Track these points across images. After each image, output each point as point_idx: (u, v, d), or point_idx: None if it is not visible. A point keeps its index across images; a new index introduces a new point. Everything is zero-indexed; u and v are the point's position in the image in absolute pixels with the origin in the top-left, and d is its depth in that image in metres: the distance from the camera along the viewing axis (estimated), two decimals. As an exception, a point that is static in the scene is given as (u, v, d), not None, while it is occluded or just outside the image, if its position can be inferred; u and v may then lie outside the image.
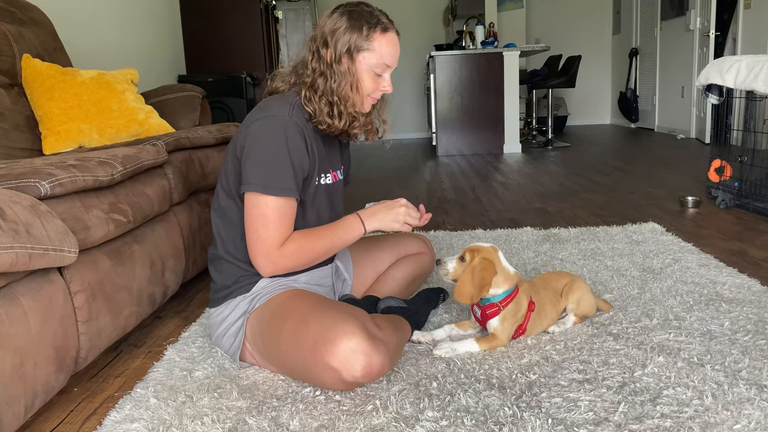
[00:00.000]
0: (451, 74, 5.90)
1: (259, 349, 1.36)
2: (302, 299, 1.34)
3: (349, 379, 1.20)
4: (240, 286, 1.41)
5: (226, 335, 1.42)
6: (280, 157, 1.30)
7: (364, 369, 1.19)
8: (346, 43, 1.35)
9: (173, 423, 1.19)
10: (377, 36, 1.36)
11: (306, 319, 1.26)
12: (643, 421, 1.12)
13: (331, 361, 1.18)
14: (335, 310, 1.27)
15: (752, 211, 2.82)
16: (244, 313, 1.39)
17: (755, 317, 1.58)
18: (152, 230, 1.71)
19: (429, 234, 2.66)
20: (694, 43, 6.23)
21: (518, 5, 8.07)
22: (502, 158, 5.55)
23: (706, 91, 2.97)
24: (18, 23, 2.23)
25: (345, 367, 1.18)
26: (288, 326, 1.28)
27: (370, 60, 1.37)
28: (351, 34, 1.35)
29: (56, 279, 1.23)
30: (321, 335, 1.21)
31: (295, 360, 1.26)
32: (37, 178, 1.25)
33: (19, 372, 1.07)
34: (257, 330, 1.36)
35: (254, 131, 1.32)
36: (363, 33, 1.35)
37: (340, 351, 1.18)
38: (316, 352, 1.20)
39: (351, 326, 1.20)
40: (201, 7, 4.63)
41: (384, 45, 1.37)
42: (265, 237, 1.31)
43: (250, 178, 1.30)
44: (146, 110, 2.31)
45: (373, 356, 1.19)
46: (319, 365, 1.20)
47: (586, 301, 1.57)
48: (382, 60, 1.38)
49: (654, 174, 4.16)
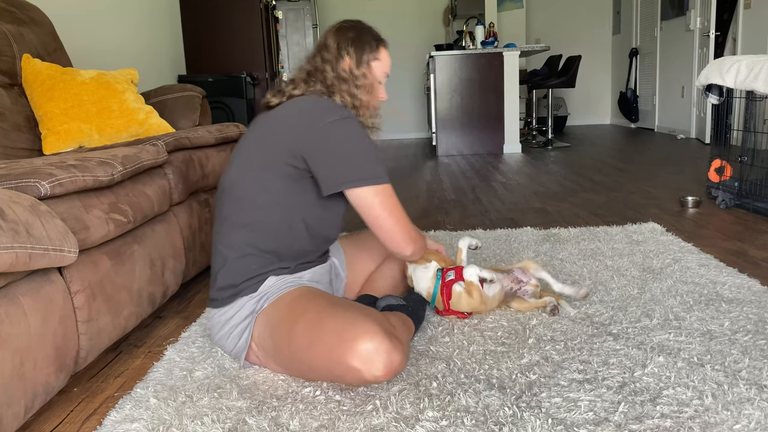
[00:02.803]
0: (451, 74, 5.90)
1: (267, 349, 1.36)
2: (312, 298, 1.35)
3: (370, 378, 1.21)
4: (248, 285, 1.40)
5: (230, 336, 1.41)
6: (372, 150, 1.41)
7: (386, 368, 1.21)
8: (363, 52, 1.52)
9: (173, 423, 1.19)
10: (382, 49, 1.56)
11: (320, 319, 1.27)
12: (643, 421, 1.12)
13: (353, 361, 1.20)
14: (350, 310, 1.29)
15: (752, 211, 2.82)
16: (251, 313, 1.38)
17: (755, 317, 1.58)
18: (152, 230, 1.71)
19: (429, 234, 2.66)
20: (694, 43, 6.23)
21: (518, 5, 8.07)
22: (502, 158, 5.55)
23: (706, 91, 2.97)
24: (18, 23, 2.23)
25: (366, 366, 1.20)
26: (301, 326, 1.28)
27: (378, 68, 1.55)
28: (365, 45, 1.53)
29: (56, 279, 1.23)
30: (340, 335, 1.22)
31: (310, 359, 1.27)
32: (37, 178, 1.25)
33: (19, 372, 1.07)
34: (265, 330, 1.35)
35: (338, 131, 1.37)
36: (373, 45, 1.53)
37: (361, 350, 1.20)
38: (335, 352, 1.22)
39: (370, 325, 1.22)
40: (201, 7, 4.63)
41: (386, 57, 1.57)
42: (404, 221, 1.43)
43: (353, 174, 1.37)
44: (146, 110, 2.31)
45: (393, 354, 1.22)
46: (338, 365, 1.22)
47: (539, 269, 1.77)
48: (385, 69, 1.57)
49: (654, 174, 4.16)
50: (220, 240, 1.44)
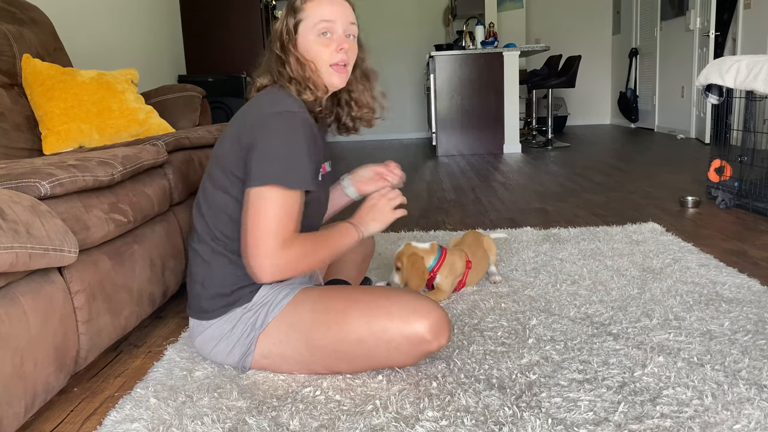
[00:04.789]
0: (451, 74, 5.90)
1: (287, 355, 1.33)
2: (340, 291, 1.36)
3: (435, 347, 1.29)
4: (240, 296, 1.34)
5: (230, 353, 1.36)
6: (298, 150, 1.27)
7: (447, 338, 1.30)
8: (286, 25, 1.37)
9: (173, 423, 1.19)
10: (305, 4, 1.37)
11: (377, 303, 1.29)
12: (643, 421, 1.12)
13: (426, 333, 1.26)
14: (397, 291, 1.34)
15: (752, 211, 2.82)
16: (254, 328, 1.33)
17: (755, 317, 1.58)
18: (152, 230, 1.71)
19: (429, 234, 2.66)
20: (694, 43, 6.23)
21: (518, 5, 8.07)
22: (502, 158, 5.55)
23: (706, 91, 2.97)
24: (18, 23, 2.23)
25: (437, 337, 1.28)
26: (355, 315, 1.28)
27: (307, 26, 1.36)
28: (287, 16, 1.38)
29: (56, 279, 1.23)
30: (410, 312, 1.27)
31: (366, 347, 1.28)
32: (37, 178, 1.25)
33: (19, 372, 1.07)
34: (287, 338, 1.32)
35: (272, 125, 1.27)
36: (296, 6, 1.37)
37: (432, 322, 1.27)
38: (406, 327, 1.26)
39: (428, 301, 1.30)
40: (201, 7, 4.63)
41: (317, 6, 1.36)
42: (269, 234, 1.23)
43: (259, 173, 1.24)
44: (146, 110, 2.31)
45: (448, 323, 1.32)
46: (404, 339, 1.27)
47: (495, 253, 2.06)
48: (320, 18, 1.35)
49: (654, 174, 4.16)
50: (200, 248, 1.38)
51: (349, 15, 1.39)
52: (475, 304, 1.78)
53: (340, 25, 1.37)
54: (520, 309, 1.73)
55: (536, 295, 1.83)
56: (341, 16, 1.37)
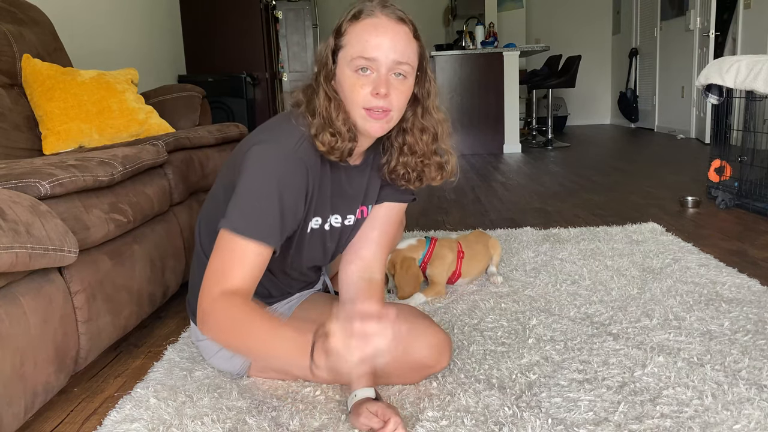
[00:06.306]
0: (451, 74, 5.90)
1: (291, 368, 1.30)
2: None
3: (437, 370, 1.32)
4: None
5: (232, 359, 1.35)
6: (268, 195, 1.06)
7: (449, 358, 1.33)
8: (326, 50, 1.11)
9: (173, 423, 1.19)
10: (350, 26, 1.08)
11: None
12: (643, 421, 1.12)
13: (428, 359, 1.28)
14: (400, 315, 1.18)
15: (752, 211, 2.82)
16: None
17: (755, 317, 1.58)
18: (152, 230, 1.71)
19: (429, 234, 2.65)
20: (694, 43, 6.23)
21: (518, 5, 8.08)
22: (502, 158, 5.55)
23: (706, 91, 2.97)
24: (18, 23, 2.23)
25: (438, 361, 1.30)
26: None
27: (345, 57, 1.08)
28: (331, 38, 1.12)
29: (56, 279, 1.23)
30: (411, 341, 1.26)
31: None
32: (37, 178, 1.25)
33: (19, 372, 1.07)
34: None
35: (251, 158, 1.08)
36: (340, 28, 1.11)
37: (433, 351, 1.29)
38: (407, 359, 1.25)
39: (429, 325, 1.30)
40: (201, 7, 4.63)
41: (360, 33, 1.07)
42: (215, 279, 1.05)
43: (226, 212, 1.08)
44: (146, 110, 2.31)
45: (450, 342, 1.33)
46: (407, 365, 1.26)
47: (499, 255, 2.07)
48: (359, 54, 1.06)
49: (654, 174, 4.16)
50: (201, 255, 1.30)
51: (401, 47, 1.08)
52: (475, 304, 1.78)
53: (384, 63, 1.07)
54: (520, 309, 1.73)
55: (536, 295, 1.83)
56: (388, 50, 1.06)
